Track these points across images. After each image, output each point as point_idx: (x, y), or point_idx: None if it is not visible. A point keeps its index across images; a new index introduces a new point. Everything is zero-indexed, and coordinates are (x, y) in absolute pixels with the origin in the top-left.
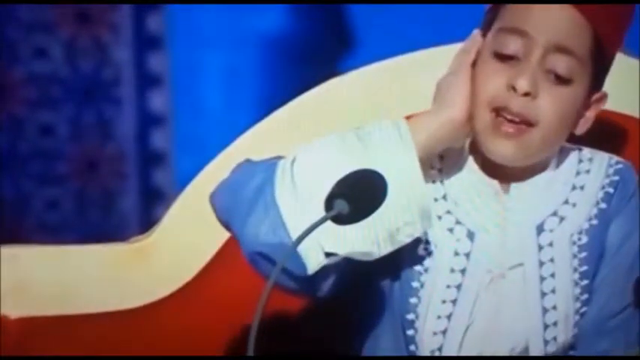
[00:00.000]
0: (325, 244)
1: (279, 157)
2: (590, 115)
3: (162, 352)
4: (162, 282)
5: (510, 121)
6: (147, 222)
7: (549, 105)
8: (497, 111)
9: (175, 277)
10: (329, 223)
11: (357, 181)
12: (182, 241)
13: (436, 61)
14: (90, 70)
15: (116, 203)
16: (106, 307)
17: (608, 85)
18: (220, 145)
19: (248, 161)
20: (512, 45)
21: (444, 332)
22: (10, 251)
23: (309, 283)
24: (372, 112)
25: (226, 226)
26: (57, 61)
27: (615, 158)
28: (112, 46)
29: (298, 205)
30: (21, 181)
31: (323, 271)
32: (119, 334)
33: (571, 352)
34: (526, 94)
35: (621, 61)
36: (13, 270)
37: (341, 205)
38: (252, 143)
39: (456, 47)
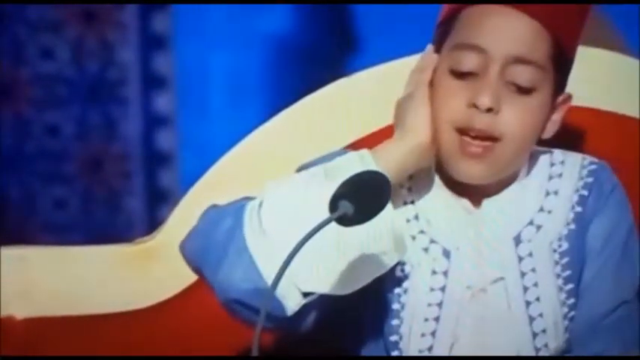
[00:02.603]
0: (301, 285)
1: (246, 198)
2: (557, 117)
3: (167, 353)
4: (167, 283)
5: (475, 137)
6: (152, 222)
7: (513, 117)
8: (461, 131)
9: (180, 279)
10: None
11: (361, 182)
12: None
13: None
14: (96, 71)
15: (121, 203)
16: (111, 308)
17: (609, 85)
18: (225, 146)
19: (214, 207)
20: (469, 61)
21: (430, 349)
22: (16, 252)
23: (289, 322)
24: (378, 114)
25: (198, 273)
26: (63, 61)
27: (589, 159)
28: (118, 47)
29: (270, 249)
30: (26, 181)
31: (303, 309)
32: (124, 335)
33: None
34: (489, 110)
35: (621, 61)
36: (19, 271)
37: (345, 207)
38: (258, 144)
39: None
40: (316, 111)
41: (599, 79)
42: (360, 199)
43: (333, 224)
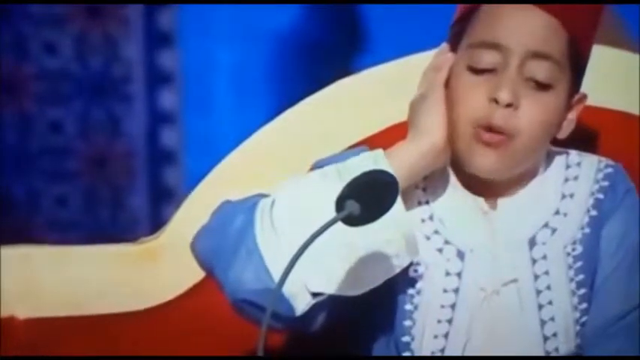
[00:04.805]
0: (310, 285)
1: (260, 195)
2: (573, 117)
3: (170, 353)
4: (171, 283)
5: (491, 131)
6: (156, 220)
7: (532, 113)
8: (479, 127)
9: (184, 279)
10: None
11: (368, 181)
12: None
13: None
14: (100, 67)
15: (125, 202)
16: (114, 308)
17: (608, 81)
18: (231, 144)
19: (227, 202)
20: (488, 58)
21: (442, 350)
22: (19, 251)
23: (299, 322)
24: (385, 112)
25: (209, 272)
26: (67, 57)
27: (604, 161)
28: (123, 43)
29: (281, 249)
30: (30, 178)
31: (312, 310)
32: (128, 335)
33: None
34: (508, 105)
35: (621, 58)
36: (21, 270)
37: (352, 206)
38: (263, 142)
39: None
40: (322, 109)
41: (611, 78)
42: (367, 198)
43: (343, 225)
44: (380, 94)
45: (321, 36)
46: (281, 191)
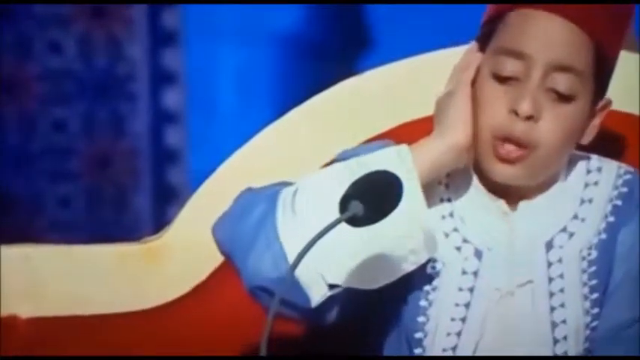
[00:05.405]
0: (327, 276)
1: (283, 184)
2: (596, 122)
3: (174, 353)
4: (174, 283)
5: (511, 143)
6: (159, 221)
7: (552, 126)
8: (499, 138)
9: (187, 278)
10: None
11: (372, 182)
12: (194, 242)
13: (453, 62)
14: (104, 67)
15: (128, 201)
16: (117, 308)
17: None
18: (235, 144)
19: (249, 190)
20: (511, 67)
21: (454, 348)
22: (21, 251)
23: (313, 313)
24: (389, 113)
25: (228, 258)
26: (71, 56)
27: (624, 168)
28: (127, 43)
29: (300, 239)
30: (33, 178)
31: (328, 301)
32: (130, 335)
33: None
34: (529, 118)
35: (621, 58)
36: (24, 270)
37: (356, 207)
38: (267, 142)
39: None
40: (326, 110)
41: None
42: (371, 199)
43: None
44: (384, 95)
45: (324, 36)
46: (304, 181)
